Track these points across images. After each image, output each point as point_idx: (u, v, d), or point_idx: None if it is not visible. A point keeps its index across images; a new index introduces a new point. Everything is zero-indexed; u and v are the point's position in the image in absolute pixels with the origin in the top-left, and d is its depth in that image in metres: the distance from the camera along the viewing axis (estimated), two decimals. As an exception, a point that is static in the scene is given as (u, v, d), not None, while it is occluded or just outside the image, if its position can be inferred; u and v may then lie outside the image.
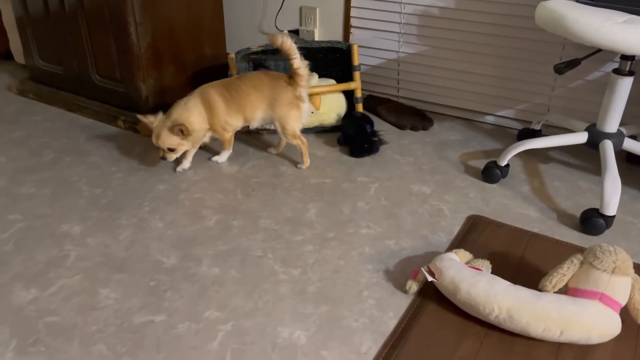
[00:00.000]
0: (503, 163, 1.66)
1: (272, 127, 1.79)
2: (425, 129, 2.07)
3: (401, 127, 2.08)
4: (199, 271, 1.31)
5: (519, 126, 2.03)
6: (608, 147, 1.53)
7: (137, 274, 1.30)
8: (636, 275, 1.11)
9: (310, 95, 1.94)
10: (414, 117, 2.10)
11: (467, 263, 1.24)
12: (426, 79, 2.15)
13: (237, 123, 1.73)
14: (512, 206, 1.58)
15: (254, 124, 1.76)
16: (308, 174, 1.76)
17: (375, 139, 1.88)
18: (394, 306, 1.21)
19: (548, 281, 1.13)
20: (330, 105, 1.98)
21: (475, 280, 1.14)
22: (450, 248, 1.38)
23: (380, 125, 2.08)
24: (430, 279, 1.19)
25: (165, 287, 1.26)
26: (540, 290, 1.13)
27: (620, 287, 1.08)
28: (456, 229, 1.48)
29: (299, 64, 1.64)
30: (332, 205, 1.59)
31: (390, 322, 1.17)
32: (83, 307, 1.19)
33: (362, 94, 2.03)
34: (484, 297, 1.10)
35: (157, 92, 2.04)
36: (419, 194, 1.64)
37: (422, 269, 1.22)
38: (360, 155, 1.85)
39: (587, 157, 1.85)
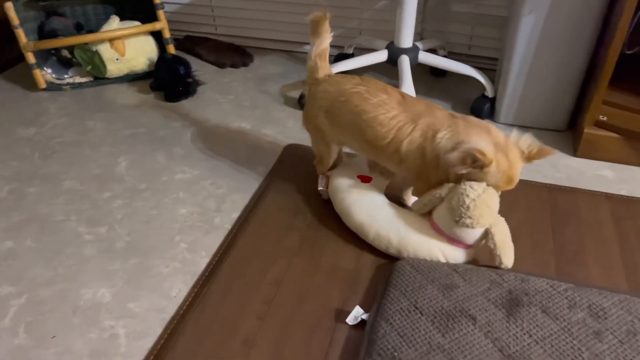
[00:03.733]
0: (315, 89, 1.68)
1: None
2: (245, 65, 2.02)
3: (221, 65, 2.01)
4: (-12, 248, 1.18)
5: (337, 52, 2.06)
6: (405, 61, 1.60)
7: None
8: (497, 220, 1.06)
9: (112, 40, 1.79)
10: (234, 54, 2.04)
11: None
12: (242, 13, 2.08)
13: None
14: (327, 130, 1.62)
15: None
16: (120, 126, 1.64)
17: (191, 80, 1.79)
18: (207, 246, 1.19)
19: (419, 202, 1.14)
20: (138, 50, 1.84)
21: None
22: (267, 178, 1.39)
23: (200, 67, 1.99)
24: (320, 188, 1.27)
25: (-55, 272, 1.12)
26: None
27: (468, 235, 1.06)
28: (274, 159, 1.49)
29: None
30: (145, 155, 1.50)
31: (202, 261, 1.15)
32: None
33: (177, 35, 1.91)
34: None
35: None
36: (238, 131, 1.62)
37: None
38: (176, 100, 1.77)
39: (396, 75, 1.93)
